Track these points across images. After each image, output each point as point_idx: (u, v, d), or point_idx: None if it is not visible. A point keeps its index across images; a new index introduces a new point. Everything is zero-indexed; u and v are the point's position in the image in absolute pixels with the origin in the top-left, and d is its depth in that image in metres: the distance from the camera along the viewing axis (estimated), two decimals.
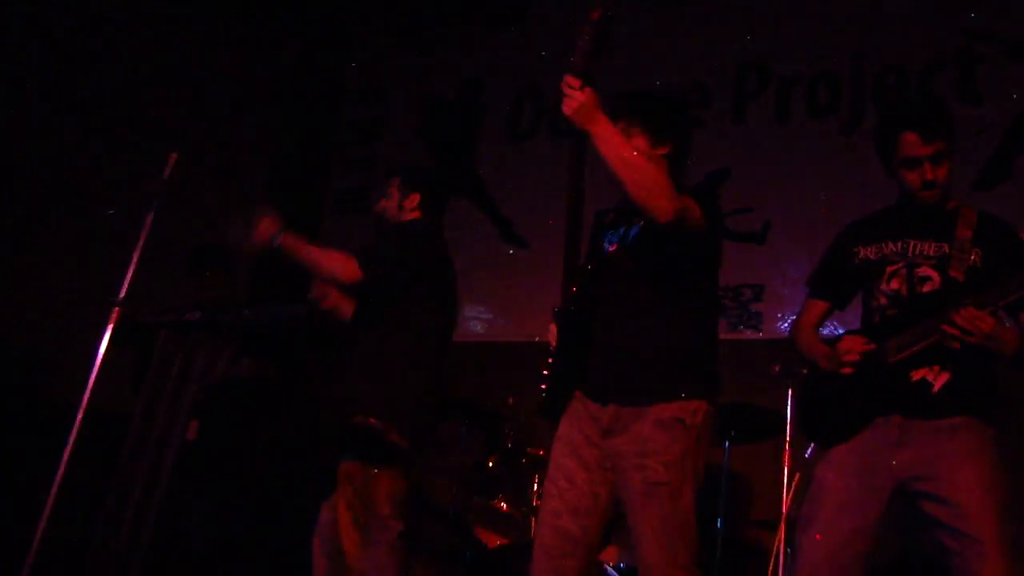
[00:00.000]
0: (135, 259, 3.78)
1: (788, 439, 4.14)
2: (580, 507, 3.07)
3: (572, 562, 3.04)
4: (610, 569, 4.45)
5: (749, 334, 5.99)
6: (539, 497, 4.46)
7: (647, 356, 3.07)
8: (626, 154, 2.85)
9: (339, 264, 3.93)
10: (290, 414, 4.53)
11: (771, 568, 4.25)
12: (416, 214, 4.29)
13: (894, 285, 3.32)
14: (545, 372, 3.21)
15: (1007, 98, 5.69)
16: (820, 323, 3.62)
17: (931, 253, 3.28)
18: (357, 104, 7.96)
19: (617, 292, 3.14)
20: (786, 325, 5.77)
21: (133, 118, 6.50)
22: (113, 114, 6.53)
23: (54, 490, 3.55)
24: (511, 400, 5.08)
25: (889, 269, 3.33)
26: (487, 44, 7.49)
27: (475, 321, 6.78)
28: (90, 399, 3.65)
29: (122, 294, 3.77)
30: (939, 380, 3.18)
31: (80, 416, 3.59)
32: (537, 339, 3.27)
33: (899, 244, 3.33)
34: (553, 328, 3.19)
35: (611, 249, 3.21)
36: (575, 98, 2.79)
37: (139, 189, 3.86)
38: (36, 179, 6.31)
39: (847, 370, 3.30)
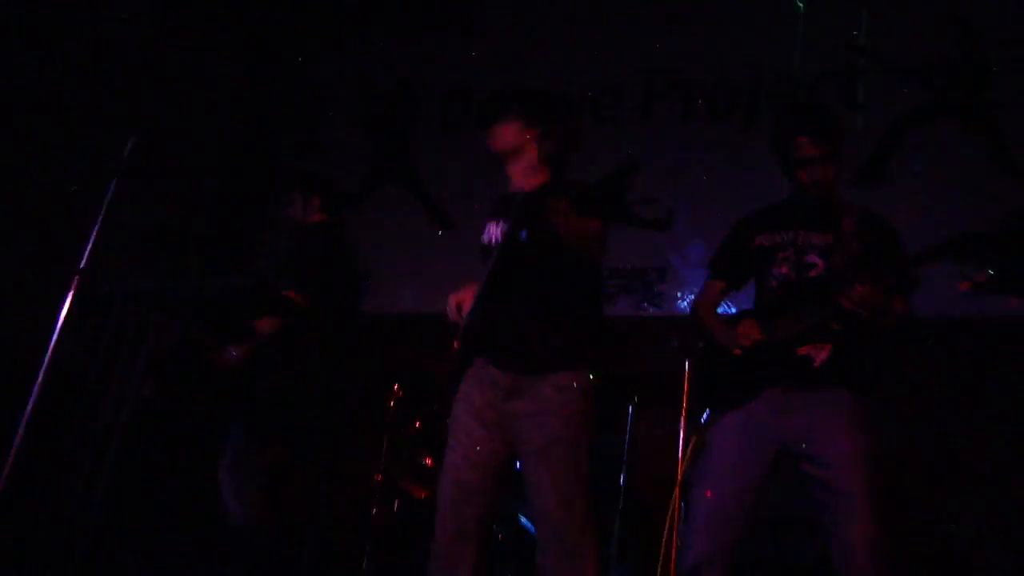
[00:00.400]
0: (95, 232, 3.71)
1: (685, 406, 4.19)
2: (478, 461, 3.13)
3: (471, 511, 3.10)
4: (524, 520, 4.47)
5: (652, 311, 6.06)
6: None
7: (545, 332, 3.13)
8: (576, 227, 3.02)
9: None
10: (234, 381, 4.50)
11: (667, 520, 4.31)
12: (320, 215, 4.37)
13: (784, 270, 3.40)
14: (456, 341, 3.26)
15: (883, 108, 5.84)
16: (718, 302, 3.68)
17: (817, 243, 3.36)
18: (303, 98, 7.88)
19: (523, 277, 3.18)
20: (686, 303, 5.85)
21: (95, 100, 6.36)
22: (76, 93, 6.38)
23: (14, 447, 3.48)
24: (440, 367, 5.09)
25: (780, 255, 3.41)
26: (423, 46, 7.46)
27: (406, 294, 6.76)
28: (52, 359, 3.57)
29: (83, 264, 3.70)
30: (819, 356, 3.26)
31: (41, 376, 3.51)
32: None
33: (790, 233, 3.41)
34: (455, 302, 3.22)
35: (522, 239, 3.24)
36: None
37: (100, 168, 3.78)
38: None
39: (737, 351, 3.38)
